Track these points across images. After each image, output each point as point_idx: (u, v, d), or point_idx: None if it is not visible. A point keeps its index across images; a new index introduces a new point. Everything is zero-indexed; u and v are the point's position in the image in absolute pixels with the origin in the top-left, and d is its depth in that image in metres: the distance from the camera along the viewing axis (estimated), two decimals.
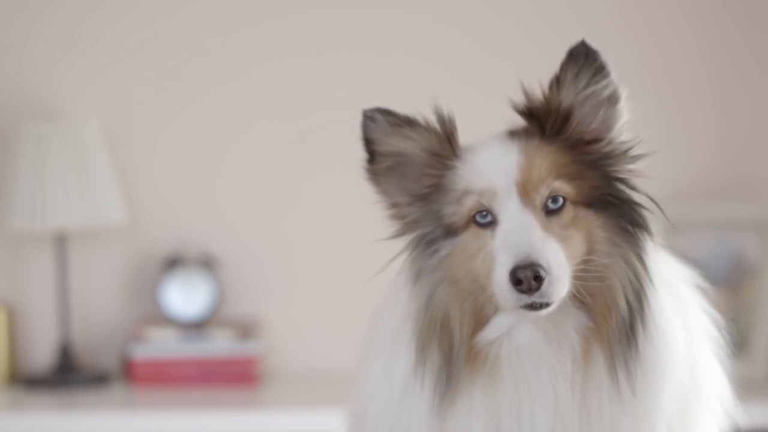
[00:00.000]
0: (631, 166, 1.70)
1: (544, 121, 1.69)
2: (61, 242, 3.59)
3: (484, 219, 1.67)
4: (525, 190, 1.65)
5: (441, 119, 1.71)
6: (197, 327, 3.60)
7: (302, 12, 3.67)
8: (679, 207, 3.45)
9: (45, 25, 3.65)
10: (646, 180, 1.71)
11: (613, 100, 1.69)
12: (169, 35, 3.67)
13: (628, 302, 1.66)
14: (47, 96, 3.65)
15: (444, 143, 1.70)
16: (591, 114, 1.69)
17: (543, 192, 1.66)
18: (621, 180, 1.69)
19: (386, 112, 1.72)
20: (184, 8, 3.67)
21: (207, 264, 3.62)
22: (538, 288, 1.60)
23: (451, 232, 1.69)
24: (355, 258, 3.70)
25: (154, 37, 3.67)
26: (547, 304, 1.62)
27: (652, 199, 1.70)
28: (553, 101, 1.68)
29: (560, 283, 1.61)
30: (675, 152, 3.55)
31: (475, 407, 1.67)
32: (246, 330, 3.59)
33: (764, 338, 3.51)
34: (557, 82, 1.68)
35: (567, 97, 1.68)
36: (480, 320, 1.68)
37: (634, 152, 1.70)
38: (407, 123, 1.71)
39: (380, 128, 1.72)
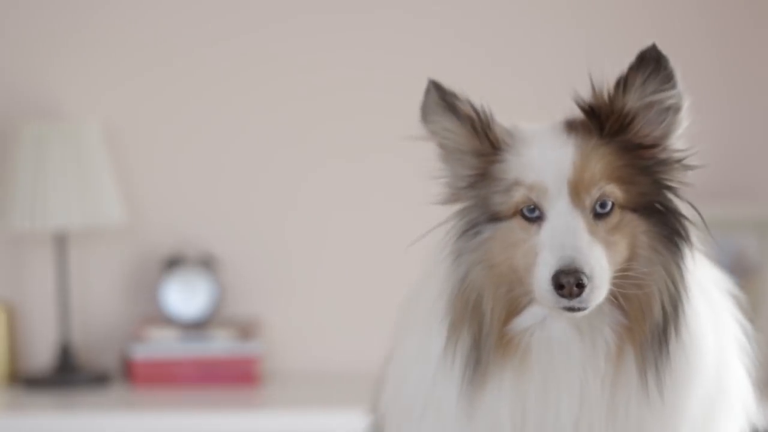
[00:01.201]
0: (682, 176, 1.69)
1: (604, 121, 1.67)
2: (61, 242, 3.59)
3: (532, 214, 1.66)
4: (576, 190, 1.64)
5: (477, 115, 1.68)
6: (197, 327, 3.59)
7: (301, 12, 3.67)
8: None
9: (45, 25, 3.65)
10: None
11: (676, 108, 1.68)
12: (169, 35, 3.67)
13: (663, 309, 1.66)
14: (47, 96, 3.64)
15: (484, 141, 1.68)
16: (653, 120, 1.68)
17: (594, 194, 1.65)
18: (670, 188, 1.69)
19: (439, 90, 1.70)
20: (184, 8, 3.67)
21: (207, 264, 3.62)
22: (579, 294, 1.60)
23: (496, 218, 1.68)
24: (355, 258, 3.70)
25: (154, 37, 3.66)
26: (585, 308, 1.62)
27: (695, 208, 1.70)
28: (617, 102, 1.67)
29: (600, 290, 1.61)
30: None
31: (504, 393, 1.68)
32: (246, 330, 3.59)
33: (764, 338, 3.50)
34: (624, 84, 1.66)
35: (632, 101, 1.66)
36: (514, 308, 1.68)
37: (688, 162, 1.70)
38: (451, 110, 1.68)
39: (431, 107, 1.70)
